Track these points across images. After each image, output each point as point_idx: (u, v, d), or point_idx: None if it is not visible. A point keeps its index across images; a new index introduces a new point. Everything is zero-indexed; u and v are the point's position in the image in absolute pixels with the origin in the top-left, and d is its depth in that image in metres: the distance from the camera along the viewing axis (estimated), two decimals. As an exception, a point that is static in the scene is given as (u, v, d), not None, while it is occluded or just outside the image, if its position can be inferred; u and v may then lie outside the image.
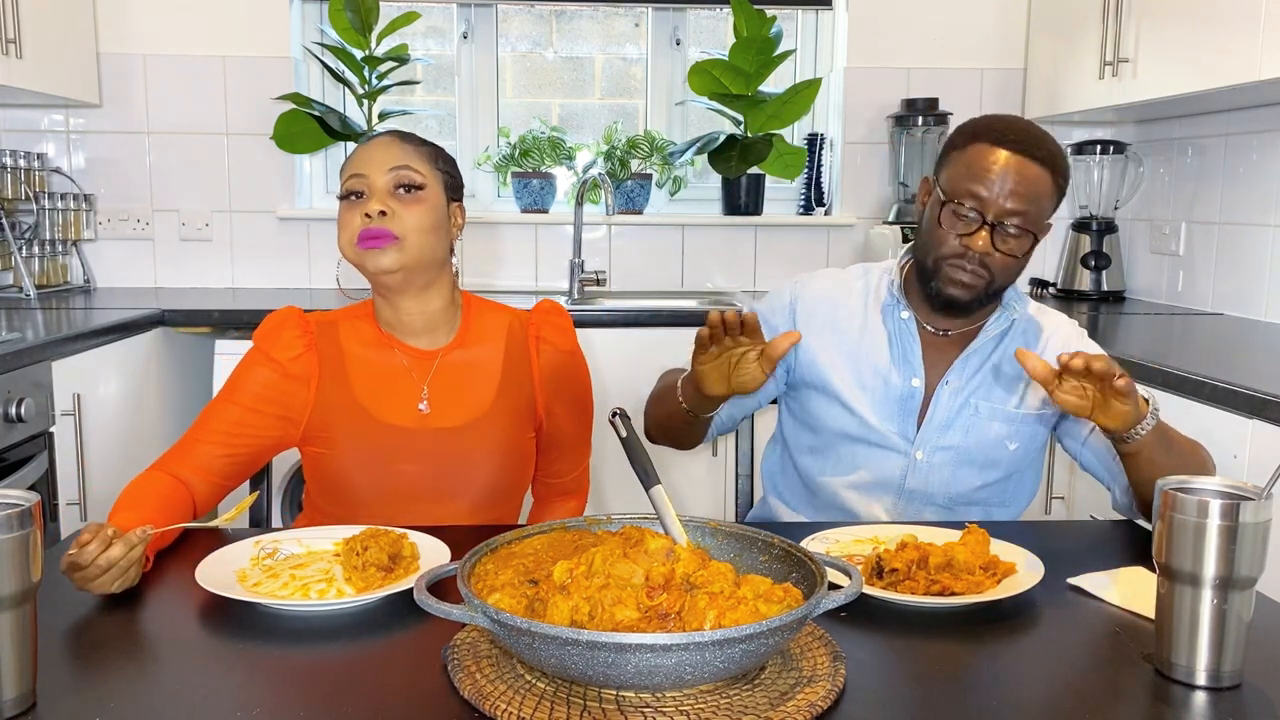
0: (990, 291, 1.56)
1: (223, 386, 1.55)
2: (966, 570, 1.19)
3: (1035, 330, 1.65)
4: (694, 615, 0.94)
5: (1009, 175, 1.50)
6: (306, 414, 1.54)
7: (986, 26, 3.41)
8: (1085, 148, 3.31)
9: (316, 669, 1.04)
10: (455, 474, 1.55)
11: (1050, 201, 1.54)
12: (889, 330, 1.64)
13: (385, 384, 1.55)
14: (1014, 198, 1.50)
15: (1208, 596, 0.97)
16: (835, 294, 1.68)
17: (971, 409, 1.61)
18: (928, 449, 1.61)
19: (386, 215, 1.49)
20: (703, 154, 3.35)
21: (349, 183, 1.52)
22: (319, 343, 1.56)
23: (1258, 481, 1.02)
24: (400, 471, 1.52)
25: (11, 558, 0.89)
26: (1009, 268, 1.54)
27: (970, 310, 1.59)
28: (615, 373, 2.82)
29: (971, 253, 1.52)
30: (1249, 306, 2.81)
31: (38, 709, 0.92)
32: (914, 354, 1.62)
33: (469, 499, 1.55)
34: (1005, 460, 1.62)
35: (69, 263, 3.29)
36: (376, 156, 1.52)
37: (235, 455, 1.51)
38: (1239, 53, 2.32)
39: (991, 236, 1.51)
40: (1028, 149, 1.51)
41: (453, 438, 1.55)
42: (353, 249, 1.51)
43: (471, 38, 3.50)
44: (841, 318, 1.66)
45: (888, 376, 1.62)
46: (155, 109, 3.29)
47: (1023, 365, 1.34)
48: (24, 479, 2.15)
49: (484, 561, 1.05)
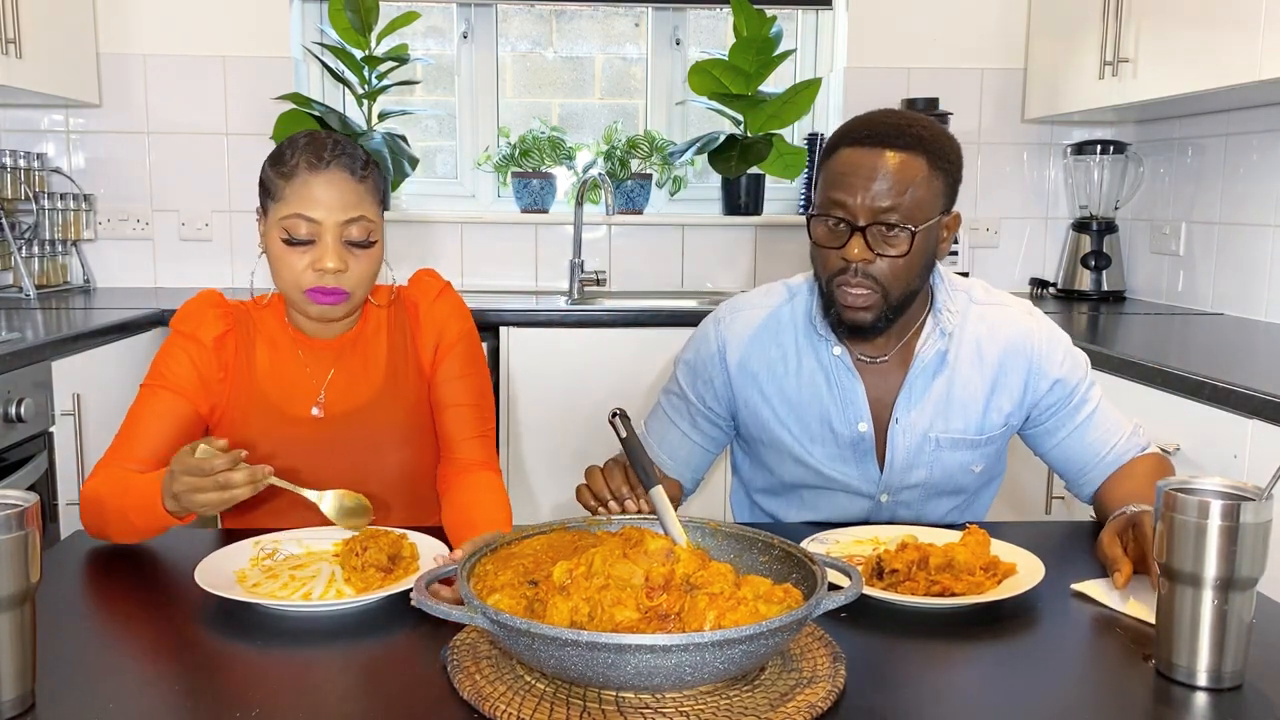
0: (893, 305, 1.44)
1: (147, 376, 1.52)
2: (967, 571, 1.19)
3: (987, 333, 1.52)
4: (694, 616, 0.94)
5: (867, 173, 1.39)
6: (224, 397, 1.53)
7: (986, 26, 3.41)
8: (1085, 148, 3.32)
9: (316, 669, 1.04)
10: (360, 462, 1.54)
11: (928, 186, 1.40)
12: (825, 370, 1.52)
13: (286, 375, 1.54)
14: (878, 195, 1.38)
15: (1209, 597, 0.97)
16: (764, 335, 1.55)
17: (932, 444, 1.52)
18: (892, 490, 1.55)
19: (341, 273, 1.45)
20: (703, 154, 3.35)
21: (294, 224, 1.43)
22: (236, 327, 1.55)
23: (1258, 482, 1.02)
24: (304, 463, 1.50)
25: (10, 558, 0.89)
26: (899, 272, 1.41)
27: (881, 330, 1.47)
28: (615, 373, 2.82)
29: (852, 265, 1.41)
30: (1249, 306, 2.81)
31: (37, 709, 0.92)
32: (855, 394, 1.51)
33: (376, 483, 1.53)
34: (972, 482, 1.58)
35: (69, 263, 3.28)
36: (328, 200, 1.44)
37: (176, 439, 1.47)
38: (1239, 53, 2.32)
39: (866, 241, 1.40)
40: (884, 140, 1.40)
41: (352, 425, 1.54)
42: (298, 293, 1.46)
43: (471, 38, 3.50)
44: (775, 360, 1.54)
45: (833, 424, 1.52)
46: (155, 109, 3.29)
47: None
48: (24, 479, 2.14)
49: (484, 562, 1.05)
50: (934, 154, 1.41)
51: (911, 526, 1.41)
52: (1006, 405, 1.53)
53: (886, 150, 1.39)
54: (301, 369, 1.55)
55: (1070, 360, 1.54)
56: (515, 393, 2.82)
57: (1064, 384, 1.52)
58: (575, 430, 2.82)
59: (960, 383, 1.52)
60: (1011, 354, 1.52)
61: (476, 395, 1.60)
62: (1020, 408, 1.54)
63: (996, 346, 1.52)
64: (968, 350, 1.52)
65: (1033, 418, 1.55)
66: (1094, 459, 1.52)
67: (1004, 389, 1.52)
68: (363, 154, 1.49)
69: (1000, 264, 3.51)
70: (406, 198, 3.50)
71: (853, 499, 1.56)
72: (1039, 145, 3.48)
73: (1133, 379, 2.13)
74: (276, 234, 1.46)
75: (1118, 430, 1.53)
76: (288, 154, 1.47)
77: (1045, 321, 1.56)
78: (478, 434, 1.59)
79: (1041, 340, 1.53)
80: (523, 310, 2.84)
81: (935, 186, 1.42)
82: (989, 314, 1.54)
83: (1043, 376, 1.52)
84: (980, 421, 1.53)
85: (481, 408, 1.61)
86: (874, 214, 1.39)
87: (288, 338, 1.56)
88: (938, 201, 1.43)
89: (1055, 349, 1.53)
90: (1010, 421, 1.54)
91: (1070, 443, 1.54)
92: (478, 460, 1.58)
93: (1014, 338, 1.52)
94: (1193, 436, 1.96)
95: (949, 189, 1.45)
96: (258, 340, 1.55)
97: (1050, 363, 1.52)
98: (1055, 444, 1.55)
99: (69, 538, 1.41)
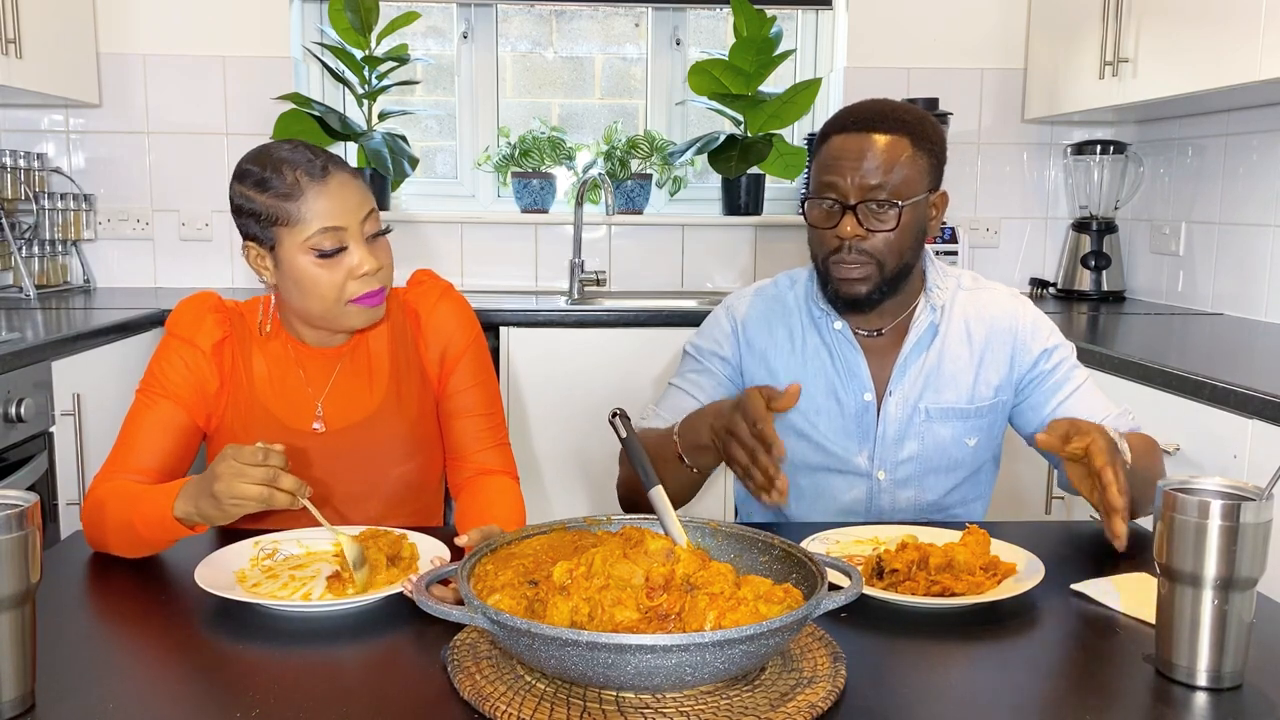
0: (888, 277, 1.52)
1: (143, 381, 1.48)
2: (967, 571, 1.19)
3: (975, 313, 1.60)
4: (694, 616, 0.94)
5: (855, 155, 1.48)
6: (221, 407, 1.49)
7: (986, 26, 3.41)
8: (1085, 148, 3.32)
9: (316, 669, 1.04)
10: (363, 477, 1.50)
11: (913, 165, 1.50)
12: (828, 345, 1.60)
13: (285, 385, 1.50)
14: (866, 174, 1.48)
15: (1208, 597, 0.97)
16: (771, 316, 1.64)
17: (922, 414, 1.58)
18: (888, 466, 1.58)
19: (380, 270, 1.43)
20: (703, 154, 3.35)
21: (323, 240, 1.40)
22: (233, 334, 1.51)
23: (1258, 482, 1.02)
24: (303, 475, 1.45)
25: (10, 559, 0.88)
26: (891, 245, 1.50)
27: (877, 303, 1.55)
28: (615, 373, 2.82)
29: (845, 242, 1.50)
30: (1249, 306, 2.81)
31: (37, 709, 0.92)
32: (858, 366, 1.58)
33: (380, 498, 1.51)
34: (968, 458, 1.60)
35: (69, 263, 3.29)
36: (345, 205, 1.41)
37: (175, 450, 1.45)
38: (1239, 53, 2.32)
39: (857, 218, 1.49)
40: (870, 125, 1.50)
41: (355, 439, 1.50)
42: (341, 307, 1.42)
43: (471, 38, 3.50)
44: (781, 339, 1.62)
45: (839, 395, 1.59)
46: (155, 109, 3.29)
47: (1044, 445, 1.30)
48: (24, 479, 2.14)
49: (484, 562, 1.05)
50: (917, 135, 1.51)
51: (911, 526, 1.41)
52: (994, 378, 1.59)
53: (872, 134, 1.49)
54: (300, 379, 1.51)
55: (1055, 337, 1.61)
56: (515, 393, 2.82)
57: (1048, 355, 1.59)
58: (575, 430, 2.82)
59: (950, 358, 1.59)
60: (997, 331, 1.60)
61: (489, 403, 1.58)
62: (1008, 382, 1.60)
63: (983, 325, 1.60)
64: (956, 328, 1.60)
65: (1020, 389, 1.60)
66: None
67: (991, 364, 1.59)
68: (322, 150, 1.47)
69: (1000, 264, 3.51)
70: (406, 198, 3.50)
71: (851, 482, 1.59)
72: (1039, 145, 3.48)
73: (1133, 379, 2.13)
74: (304, 257, 1.40)
75: (1106, 409, 1.56)
76: (271, 178, 1.42)
77: (1030, 305, 1.64)
78: (494, 444, 1.58)
79: (1026, 319, 1.61)
80: (523, 310, 2.84)
81: (920, 165, 1.51)
82: (977, 297, 1.63)
83: (1026, 351, 1.59)
84: (970, 392, 1.59)
85: (494, 415, 1.59)
86: (864, 192, 1.48)
87: (285, 346, 1.51)
88: (923, 179, 1.52)
89: (1040, 327, 1.61)
90: (1000, 395, 1.59)
91: (1057, 417, 1.53)
92: (497, 469, 1.57)
93: (1000, 317, 1.61)
94: (1193, 436, 1.96)
95: (934, 168, 1.54)
96: (255, 347, 1.51)
97: (1034, 337, 1.60)
98: (1042, 420, 1.57)
99: (69, 538, 1.41)
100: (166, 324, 1.52)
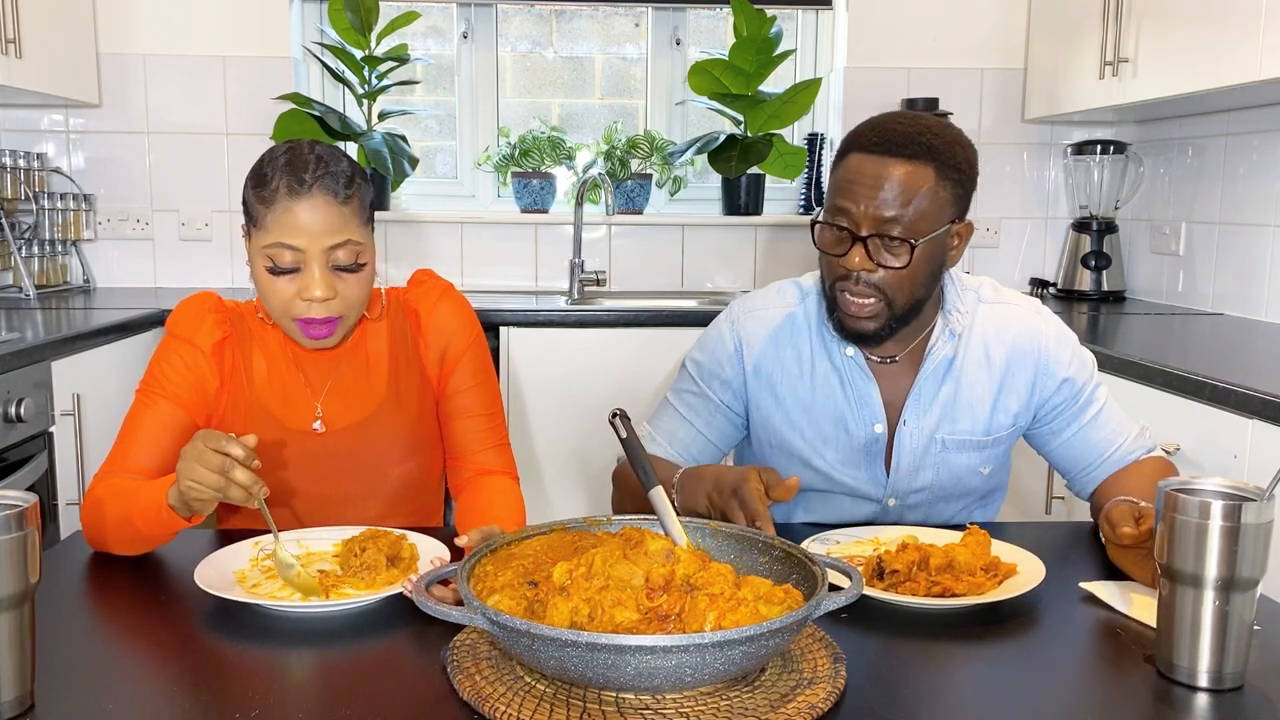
0: (897, 314, 1.43)
1: (143, 381, 1.47)
2: (967, 571, 1.18)
3: (995, 333, 1.51)
4: (694, 617, 0.94)
5: (871, 182, 1.37)
6: (221, 407, 1.48)
7: (986, 26, 3.41)
8: (1085, 148, 3.32)
9: (316, 670, 1.04)
10: (363, 478, 1.50)
11: (933, 198, 1.38)
12: (839, 371, 1.51)
13: (285, 385, 1.50)
14: (881, 206, 1.36)
15: (1210, 598, 0.97)
16: (779, 338, 1.54)
17: (938, 445, 1.51)
18: (900, 494, 1.54)
19: (330, 300, 1.39)
20: (703, 154, 3.35)
21: (278, 253, 1.37)
22: (233, 334, 1.50)
23: (1258, 482, 1.02)
24: (302, 476, 1.47)
25: (9, 559, 0.88)
26: (901, 283, 1.40)
27: (885, 338, 1.46)
28: (615, 373, 2.82)
29: (854, 273, 1.40)
30: (1249, 306, 2.81)
31: (37, 709, 0.92)
32: (870, 395, 1.50)
33: (379, 498, 1.51)
34: (981, 484, 1.57)
35: (69, 263, 3.28)
36: (311, 227, 1.37)
37: (175, 449, 1.41)
38: (1239, 53, 2.32)
39: (867, 250, 1.38)
40: (892, 149, 1.37)
41: (354, 439, 1.49)
42: (288, 321, 1.42)
43: (471, 38, 3.49)
44: (789, 363, 1.53)
45: (848, 425, 1.51)
46: (155, 109, 3.29)
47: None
48: (24, 479, 2.14)
49: (484, 563, 1.05)
50: (943, 163, 1.39)
51: (912, 527, 1.40)
52: (1014, 406, 1.52)
53: (893, 159, 1.37)
54: (300, 379, 1.51)
55: (1078, 360, 1.53)
56: (515, 393, 2.82)
57: (1071, 384, 1.52)
58: (575, 430, 2.82)
59: (968, 384, 1.51)
60: (1019, 355, 1.52)
61: (489, 404, 1.58)
62: (1028, 408, 1.53)
63: (1004, 347, 1.52)
64: (975, 351, 1.51)
65: (1039, 417, 1.54)
66: (1098, 458, 1.52)
67: (1011, 390, 1.52)
68: (347, 168, 1.42)
69: (1000, 264, 3.51)
70: (406, 198, 3.50)
71: (858, 504, 1.56)
72: (1039, 145, 3.48)
73: (1133, 379, 2.13)
74: (261, 262, 1.40)
75: (1124, 430, 1.53)
76: (268, 175, 1.39)
77: (1053, 321, 1.55)
78: (494, 444, 1.57)
79: (1049, 340, 1.52)
80: (523, 310, 2.84)
81: (942, 197, 1.39)
82: (996, 313, 1.53)
83: (1050, 377, 1.52)
84: (988, 423, 1.52)
85: (495, 415, 1.58)
86: (876, 224, 1.38)
87: (284, 346, 1.51)
88: (944, 212, 1.40)
89: (1063, 349, 1.53)
90: (1019, 422, 1.54)
91: (1075, 441, 1.53)
92: (498, 469, 1.56)
93: (1021, 338, 1.52)
94: (1193, 436, 1.96)
95: (959, 198, 1.42)
96: (254, 348, 1.51)
97: (1058, 363, 1.52)
98: (1060, 443, 1.55)
99: (69, 538, 1.41)
100: (166, 324, 1.52)
